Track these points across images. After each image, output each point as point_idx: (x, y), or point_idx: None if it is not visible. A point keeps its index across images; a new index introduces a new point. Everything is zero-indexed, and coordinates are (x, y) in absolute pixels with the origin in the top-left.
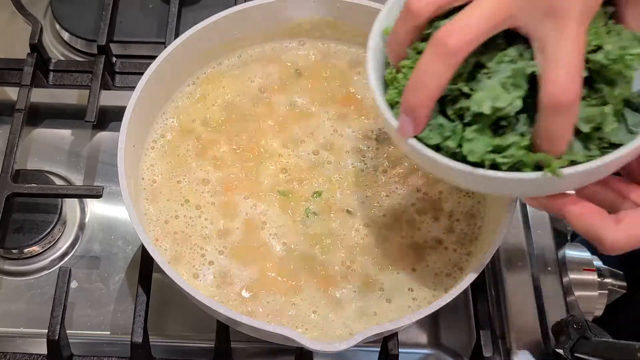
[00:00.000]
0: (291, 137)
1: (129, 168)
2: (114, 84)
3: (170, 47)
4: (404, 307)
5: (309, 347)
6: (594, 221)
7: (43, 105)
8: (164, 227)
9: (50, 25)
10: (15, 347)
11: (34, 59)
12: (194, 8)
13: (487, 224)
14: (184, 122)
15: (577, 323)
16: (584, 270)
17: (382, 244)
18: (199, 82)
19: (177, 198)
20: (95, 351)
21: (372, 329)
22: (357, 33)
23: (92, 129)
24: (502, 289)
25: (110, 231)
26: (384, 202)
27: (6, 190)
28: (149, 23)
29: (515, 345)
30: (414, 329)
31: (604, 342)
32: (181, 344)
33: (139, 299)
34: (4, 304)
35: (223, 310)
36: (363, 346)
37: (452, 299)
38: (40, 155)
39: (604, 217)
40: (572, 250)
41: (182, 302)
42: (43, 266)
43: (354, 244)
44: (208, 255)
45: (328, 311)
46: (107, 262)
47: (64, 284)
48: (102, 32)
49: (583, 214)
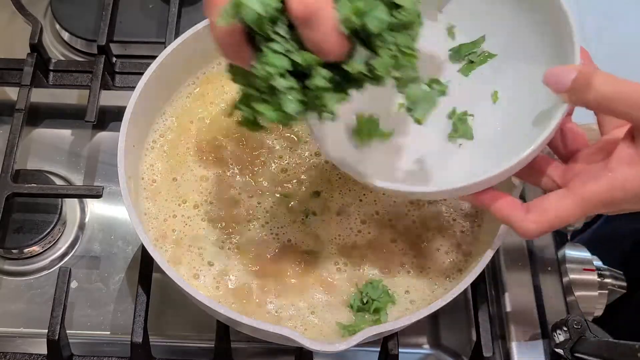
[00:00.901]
0: (291, 137)
1: (128, 168)
2: (114, 84)
3: (170, 47)
4: (403, 307)
5: (309, 347)
6: (508, 212)
7: (43, 105)
8: (164, 227)
9: (50, 25)
10: (15, 347)
11: (34, 59)
12: (194, 8)
13: (486, 225)
14: (184, 122)
15: (577, 323)
16: (584, 270)
17: (380, 245)
18: (198, 82)
19: (177, 198)
20: (95, 351)
21: (372, 329)
22: None
23: (92, 129)
24: (502, 289)
25: (110, 231)
26: (382, 202)
27: (6, 190)
28: (149, 23)
29: (515, 345)
30: (414, 329)
31: (604, 342)
32: (181, 344)
33: (138, 299)
34: (4, 304)
35: (223, 310)
36: (363, 346)
37: (452, 299)
38: (40, 155)
39: (515, 207)
40: (572, 250)
41: (182, 302)
42: (43, 266)
43: (353, 244)
44: (208, 256)
45: (327, 311)
46: (107, 262)
47: (64, 284)
48: (102, 32)
49: (499, 208)
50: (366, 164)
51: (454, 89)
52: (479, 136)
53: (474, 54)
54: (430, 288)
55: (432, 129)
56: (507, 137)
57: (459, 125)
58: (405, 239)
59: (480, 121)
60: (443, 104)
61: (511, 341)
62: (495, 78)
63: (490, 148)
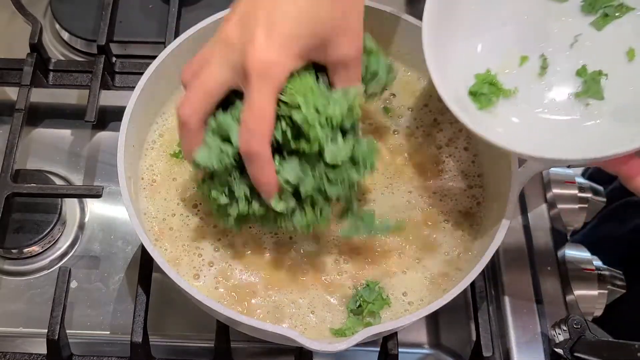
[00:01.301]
0: None
1: (128, 168)
2: (114, 84)
3: (170, 47)
4: (402, 308)
5: (309, 347)
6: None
7: (43, 105)
8: (164, 227)
9: (50, 25)
10: (15, 347)
11: (34, 59)
12: (194, 8)
13: (486, 225)
14: None
15: (577, 323)
16: (583, 270)
17: (379, 245)
18: None
19: (176, 198)
20: (95, 351)
21: (372, 329)
22: None
23: (91, 128)
24: (502, 289)
25: (110, 231)
26: (381, 203)
27: (6, 190)
28: (149, 23)
29: (515, 345)
30: (414, 329)
31: (604, 342)
32: (181, 344)
33: (138, 299)
34: (4, 304)
35: (223, 310)
36: (363, 346)
37: (452, 299)
38: (40, 155)
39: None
40: (572, 250)
41: (182, 302)
42: (43, 266)
43: (352, 245)
44: (207, 256)
45: (327, 311)
46: (106, 262)
47: (64, 284)
48: (102, 32)
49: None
50: (498, 128)
51: (583, 43)
52: (610, 97)
53: (611, 7)
54: (429, 288)
55: (558, 85)
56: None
57: (590, 84)
58: (404, 240)
59: (613, 80)
60: (572, 59)
61: (511, 341)
62: (633, 34)
63: (624, 111)
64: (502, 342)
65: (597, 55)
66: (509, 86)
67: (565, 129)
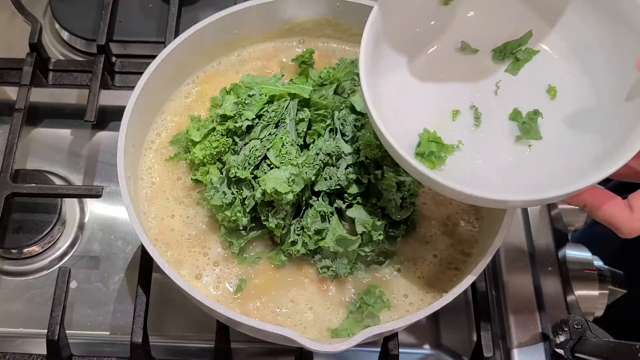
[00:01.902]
0: None
1: (128, 168)
2: (114, 84)
3: (169, 46)
4: (403, 309)
5: (309, 347)
6: (612, 213)
7: (42, 105)
8: (164, 227)
9: (49, 24)
10: (15, 347)
11: (34, 59)
12: (194, 8)
13: (486, 226)
14: (183, 122)
15: (578, 323)
16: (584, 270)
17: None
18: (198, 81)
19: (176, 197)
20: (95, 351)
21: (372, 329)
22: (358, 32)
23: (91, 128)
24: (502, 289)
25: (109, 231)
26: None
27: (6, 190)
28: (149, 23)
29: (515, 345)
30: (414, 330)
31: (604, 342)
32: (181, 344)
33: (138, 299)
34: (4, 304)
35: (223, 311)
36: (363, 346)
37: (452, 300)
38: (39, 155)
39: (620, 208)
40: (572, 250)
41: (182, 302)
42: (42, 266)
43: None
44: (207, 255)
45: (327, 312)
46: (106, 262)
47: (64, 284)
48: (101, 32)
49: (604, 208)
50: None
51: (505, 89)
52: (547, 136)
53: (520, 51)
54: (431, 288)
55: (495, 132)
56: (578, 134)
57: (528, 126)
58: (404, 241)
59: (545, 119)
60: (500, 106)
61: (511, 341)
62: (547, 73)
63: (564, 146)
64: (503, 343)
65: (522, 97)
66: (449, 142)
67: (513, 172)
